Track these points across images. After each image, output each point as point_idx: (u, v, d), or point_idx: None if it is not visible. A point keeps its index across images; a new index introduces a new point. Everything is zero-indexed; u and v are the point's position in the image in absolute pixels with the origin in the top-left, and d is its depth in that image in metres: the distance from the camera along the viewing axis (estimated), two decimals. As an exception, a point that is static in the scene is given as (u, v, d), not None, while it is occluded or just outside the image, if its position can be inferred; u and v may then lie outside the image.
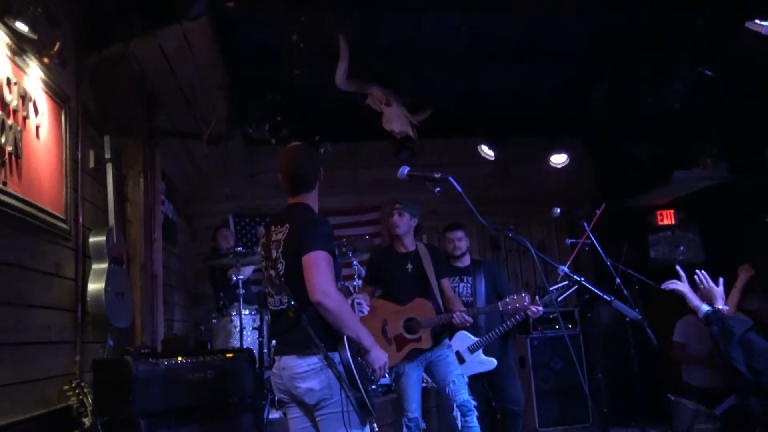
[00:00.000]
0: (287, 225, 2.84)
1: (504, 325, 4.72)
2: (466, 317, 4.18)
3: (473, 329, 4.66)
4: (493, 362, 4.77)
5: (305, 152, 3.05)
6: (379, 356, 2.74)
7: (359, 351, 2.72)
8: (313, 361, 2.64)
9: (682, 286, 3.16)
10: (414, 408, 4.07)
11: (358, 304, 3.24)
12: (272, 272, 2.82)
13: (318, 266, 2.64)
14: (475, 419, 4.02)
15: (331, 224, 2.87)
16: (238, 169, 7.70)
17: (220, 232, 6.53)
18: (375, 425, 2.77)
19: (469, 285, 5.00)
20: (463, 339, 4.74)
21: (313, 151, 3.11)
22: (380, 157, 7.58)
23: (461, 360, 4.68)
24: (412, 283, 4.32)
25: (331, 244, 2.74)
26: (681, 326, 6.39)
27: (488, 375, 4.80)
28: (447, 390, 4.08)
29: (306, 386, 2.63)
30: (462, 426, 4.00)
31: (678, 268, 3.13)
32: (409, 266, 4.33)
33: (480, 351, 4.76)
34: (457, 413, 3.98)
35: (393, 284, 4.33)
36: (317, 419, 2.69)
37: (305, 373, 2.64)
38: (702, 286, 3.11)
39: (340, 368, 2.61)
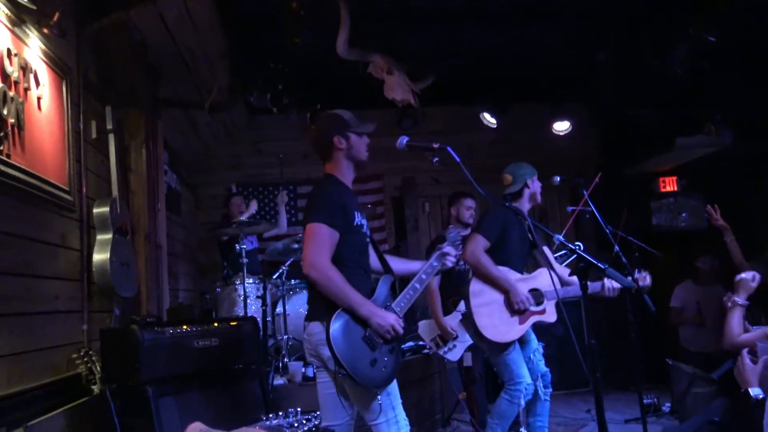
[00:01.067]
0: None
1: None
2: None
3: None
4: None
5: (322, 120, 3.07)
6: (381, 322, 2.68)
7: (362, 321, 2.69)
8: (318, 327, 2.69)
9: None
10: (527, 373, 3.90)
11: (444, 254, 3.08)
12: None
13: (311, 238, 2.67)
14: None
15: (339, 194, 2.81)
16: (241, 137, 7.70)
17: (233, 201, 6.42)
18: (379, 399, 2.69)
19: None
20: None
21: (329, 118, 3.00)
22: (383, 125, 7.50)
23: None
24: (528, 252, 4.14)
25: (332, 215, 2.71)
26: (678, 292, 6.48)
27: None
28: (531, 359, 4.02)
29: (327, 354, 2.66)
30: (541, 397, 3.99)
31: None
32: (530, 234, 4.09)
33: None
34: (539, 383, 3.96)
35: (515, 251, 4.03)
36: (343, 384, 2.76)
37: (319, 341, 2.69)
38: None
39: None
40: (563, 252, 4.33)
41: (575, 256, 3.27)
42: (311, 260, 2.64)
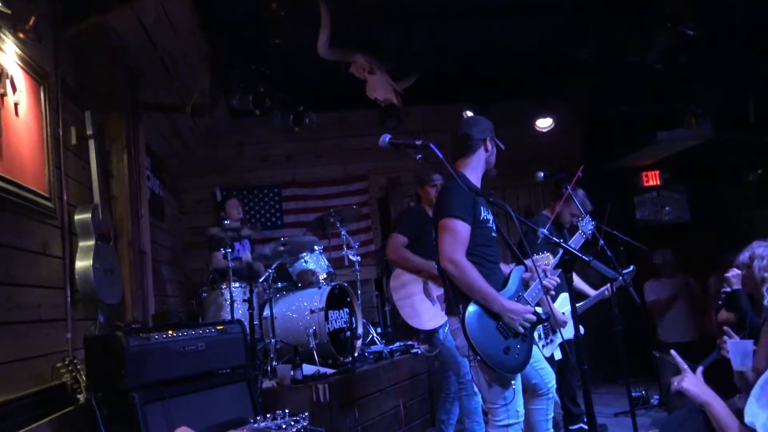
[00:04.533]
0: None
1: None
2: None
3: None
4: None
5: (477, 119, 3.27)
6: (513, 316, 2.85)
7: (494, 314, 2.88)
8: (455, 321, 2.92)
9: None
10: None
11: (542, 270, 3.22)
12: None
13: (447, 233, 2.87)
14: None
15: (465, 189, 2.95)
16: (223, 140, 7.65)
17: (229, 203, 6.35)
18: (513, 384, 2.90)
19: None
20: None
21: (485, 122, 3.26)
22: (367, 125, 7.55)
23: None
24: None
25: (464, 210, 2.87)
26: (648, 288, 6.62)
27: None
28: None
29: (457, 343, 2.99)
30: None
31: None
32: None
33: None
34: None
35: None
36: None
37: (454, 331, 2.96)
38: None
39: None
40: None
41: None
42: (449, 255, 2.85)
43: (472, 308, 2.85)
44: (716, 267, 6.02)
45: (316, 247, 5.48)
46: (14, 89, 3.17)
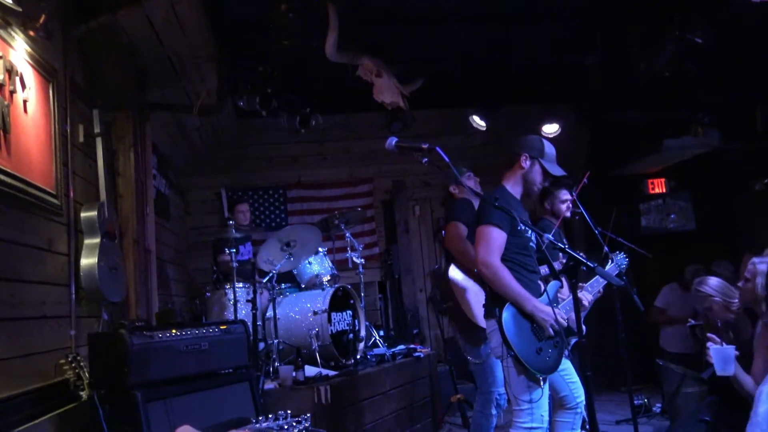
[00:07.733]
0: None
1: None
2: None
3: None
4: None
5: (524, 136, 3.36)
6: (545, 316, 2.97)
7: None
8: (492, 323, 3.05)
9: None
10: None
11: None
12: None
13: (482, 239, 3.03)
14: None
15: (506, 202, 3.05)
16: (229, 141, 7.67)
17: (238, 207, 6.37)
18: (542, 386, 2.98)
19: None
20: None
21: (531, 139, 3.34)
22: (373, 128, 7.56)
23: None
24: None
25: (501, 219, 2.98)
26: (664, 292, 6.56)
27: None
28: None
29: (492, 345, 3.11)
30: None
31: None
32: None
33: None
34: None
35: None
36: None
37: (490, 333, 3.10)
38: None
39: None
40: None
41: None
42: (482, 259, 3.00)
43: (508, 310, 2.97)
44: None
45: (320, 249, 5.49)
46: (23, 86, 3.18)
